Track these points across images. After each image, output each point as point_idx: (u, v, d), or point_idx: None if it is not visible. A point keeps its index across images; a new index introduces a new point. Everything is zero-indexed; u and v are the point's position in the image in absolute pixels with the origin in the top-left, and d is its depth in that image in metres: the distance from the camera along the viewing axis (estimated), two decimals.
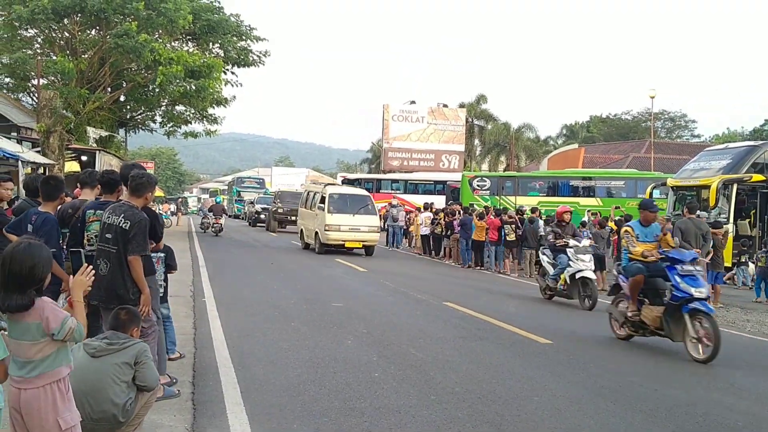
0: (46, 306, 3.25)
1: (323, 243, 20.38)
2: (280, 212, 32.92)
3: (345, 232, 20.24)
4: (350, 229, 20.31)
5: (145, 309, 5.25)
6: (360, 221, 20.47)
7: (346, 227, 20.26)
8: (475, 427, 5.11)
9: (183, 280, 11.96)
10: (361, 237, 20.58)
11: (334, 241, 20.19)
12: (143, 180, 5.41)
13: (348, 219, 20.36)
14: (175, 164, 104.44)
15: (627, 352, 8.36)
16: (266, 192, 50.57)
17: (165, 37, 25.58)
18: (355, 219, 20.51)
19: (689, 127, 72.29)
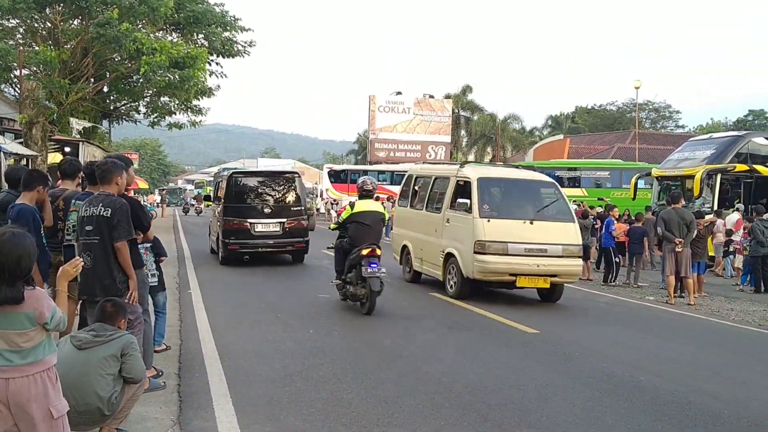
0: (40, 295, 3.23)
1: (470, 277, 10.66)
2: None
3: (518, 256, 10.51)
4: (529, 250, 10.57)
5: (134, 295, 5.21)
6: (545, 234, 10.76)
7: (520, 246, 10.55)
8: (462, 416, 5.12)
9: (168, 271, 11.85)
10: (551, 267, 10.64)
11: (495, 274, 10.58)
12: (107, 166, 5.28)
13: (522, 230, 10.70)
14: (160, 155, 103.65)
15: (612, 342, 8.41)
16: None
17: (148, 27, 25.34)
18: (535, 230, 10.76)
19: (673, 117, 72.67)
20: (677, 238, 11.58)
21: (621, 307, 11.43)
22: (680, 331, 9.43)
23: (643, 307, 11.47)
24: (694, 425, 5.15)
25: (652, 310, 11.12)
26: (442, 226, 11.55)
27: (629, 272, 14.37)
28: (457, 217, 11.11)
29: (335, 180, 39.05)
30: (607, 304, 11.68)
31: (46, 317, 3.20)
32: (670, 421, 5.22)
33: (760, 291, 13.54)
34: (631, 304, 11.75)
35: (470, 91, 54.03)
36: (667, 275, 11.96)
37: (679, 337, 8.93)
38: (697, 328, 9.65)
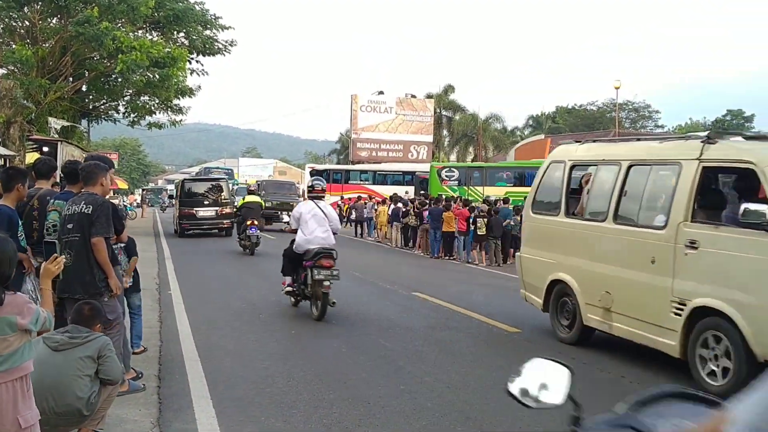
0: (21, 300, 3.18)
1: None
2: (268, 207, 26.34)
3: None
4: None
5: (117, 291, 5.24)
6: None
7: None
8: (444, 416, 5.12)
9: (148, 272, 11.79)
10: None
11: None
12: (91, 167, 5.29)
13: None
14: (140, 155, 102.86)
15: (593, 341, 8.44)
16: (235, 183, 49.98)
17: (128, 25, 25.12)
18: None
19: (653, 117, 73.34)
20: None
21: None
22: None
23: None
24: None
25: None
26: (672, 255, 6.43)
27: None
28: (730, 240, 5.95)
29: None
30: None
31: (28, 321, 3.15)
32: None
33: None
34: None
35: (452, 91, 54.16)
36: None
37: None
38: None
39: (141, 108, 29.29)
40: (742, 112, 68.77)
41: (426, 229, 20.32)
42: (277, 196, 27.45)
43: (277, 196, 27.45)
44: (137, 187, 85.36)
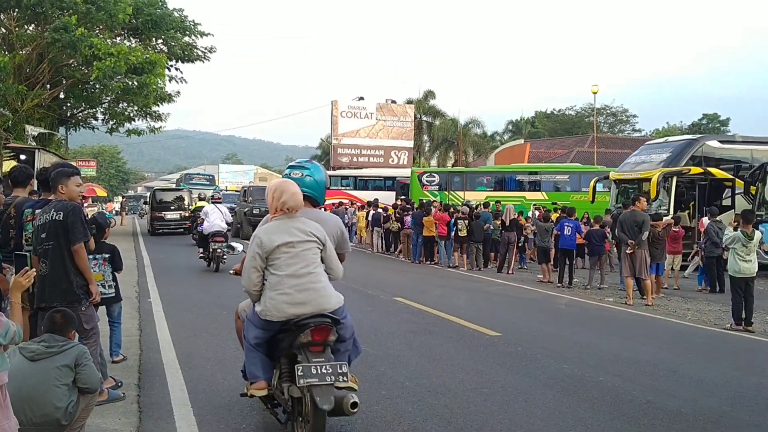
0: None
1: None
2: (256, 214, 25.99)
3: None
4: None
5: (97, 298, 5.26)
6: None
7: None
8: (425, 420, 5.14)
9: (128, 280, 11.71)
10: None
11: None
12: (53, 174, 5.25)
13: None
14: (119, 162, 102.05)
15: (572, 343, 8.52)
16: (216, 189, 49.72)
17: (105, 32, 24.95)
18: None
19: (630, 121, 74.15)
20: (629, 239, 11.85)
21: (581, 308, 11.59)
22: (639, 331, 9.60)
23: (603, 308, 11.65)
24: (653, 424, 5.24)
25: (611, 311, 11.31)
26: None
27: (591, 275, 14.58)
28: None
29: None
30: (567, 305, 11.83)
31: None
32: (629, 420, 5.31)
33: (716, 291, 13.86)
34: (591, 305, 11.93)
35: (433, 97, 54.33)
36: (625, 276, 12.20)
37: (638, 337, 9.10)
38: (655, 328, 9.83)
39: (119, 115, 29.11)
40: (718, 116, 69.67)
41: (407, 234, 20.36)
42: (264, 203, 26.73)
43: (264, 203, 26.73)
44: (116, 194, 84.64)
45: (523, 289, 14.05)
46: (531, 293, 13.43)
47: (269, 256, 4.45)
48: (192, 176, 54.14)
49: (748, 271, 9.78)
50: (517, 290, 13.84)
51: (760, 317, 10.48)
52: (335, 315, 4.46)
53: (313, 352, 4.33)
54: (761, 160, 18.46)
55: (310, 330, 4.29)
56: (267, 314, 4.38)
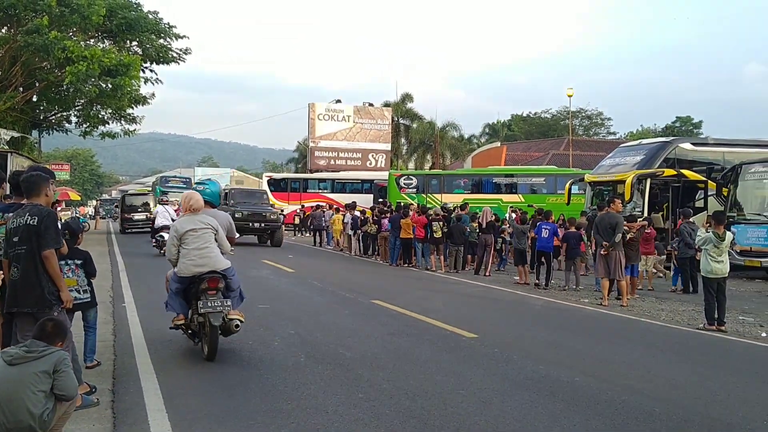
0: None
1: None
2: (239, 218, 23.70)
3: None
4: None
5: (68, 304, 5.20)
6: None
7: None
8: (402, 423, 5.14)
9: (102, 285, 11.58)
10: None
11: None
12: (34, 178, 5.19)
13: None
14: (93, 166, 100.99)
15: (549, 344, 8.57)
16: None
17: (79, 34, 24.68)
18: None
19: (605, 124, 74.96)
20: (604, 241, 11.97)
21: (557, 309, 11.67)
22: (614, 331, 9.69)
23: (578, 309, 11.74)
24: (627, 424, 5.29)
25: (587, 312, 11.40)
26: None
27: (567, 276, 14.68)
28: None
29: (275, 189, 38.73)
30: (543, 307, 11.91)
31: None
32: (605, 420, 5.35)
33: (689, 291, 14.03)
34: (567, 306, 12.02)
35: (410, 100, 54.52)
36: (601, 278, 12.31)
37: (613, 338, 9.19)
38: (630, 329, 9.93)
39: (93, 118, 28.82)
40: (691, 119, 70.67)
41: (385, 237, 20.37)
42: (247, 206, 25.25)
43: (247, 206, 25.25)
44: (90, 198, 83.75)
45: (500, 291, 14.12)
46: (508, 295, 13.50)
47: (181, 237, 6.92)
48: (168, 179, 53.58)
49: (720, 272, 9.92)
50: (494, 292, 13.91)
51: (732, 317, 10.63)
52: (224, 272, 6.95)
53: (209, 294, 6.82)
54: (733, 162, 18.76)
55: (206, 280, 6.82)
56: (181, 273, 6.91)
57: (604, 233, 12.03)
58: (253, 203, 25.61)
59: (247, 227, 24.37)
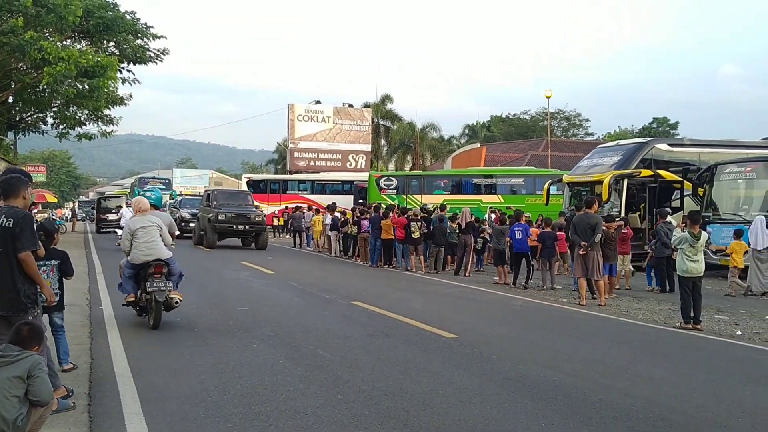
0: None
1: None
2: (222, 220, 23.90)
3: None
4: None
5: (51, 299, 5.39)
6: None
7: None
8: (381, 424, 5.14)
9: (79, 288, 11.46)
10: None
11: None
12: (12, 180, 5.13)
13: None
14: (70, 168, 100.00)
15: (527, 343, 8.63)
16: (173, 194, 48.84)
17: (56, 35, 24.39)
18: None
19: (583, 125, 75.55)
20: (582, 241, 12.06)
21: (535, 309, 11.74)
22: (592, 331, 9.77)
23: (557, 308, 11.82)
24: (604, 422, 5.33)
25: (565, 312, 11.48)
26: None
27: (544, 276, 14.78)
28: None
29: (254, 190, 38.50)
30: (522, 306, 11.98)
31: None
32: (582, 418, 5.39)
33: (666, 291, 14.18)
34: (545, 306, 12.10)
35: (390, 101, 54.54)
36: (578, 277, 12.40)
37: (591, 337, 9.26)
38: (608, 328, 10.02)
39: (70, 119, 28.49)
40: (668, 120, 71.49)
41: (364, 238, 20.36)
42: (231, 208, 24.34)
43: (231, 208, 24.34)
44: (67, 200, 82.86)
45: (479, 291, 14.18)
46: (487, 295, 13.56)
47: (133, 233, 8.67)
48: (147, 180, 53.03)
49: (696, 271, 10.03)
50: (473, 292, 13.96)
51: (708, 316, 10.75)
52: (167, 261, 8.69)
53: (155, 277, 8.54)
54: (708, 162, 18.98)
55: (153, 266, 8.58)
56: (133, 260, 8.70)
57: (583, 234, 12.12)
58: (236, 205, 24.89)
59: (231, 230, 24.11)
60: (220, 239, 24.63)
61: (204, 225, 24.64)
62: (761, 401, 6.10)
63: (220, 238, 24.67)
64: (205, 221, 24.40)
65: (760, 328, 10.04)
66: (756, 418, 5.56)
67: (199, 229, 25.69)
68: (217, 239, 24.35)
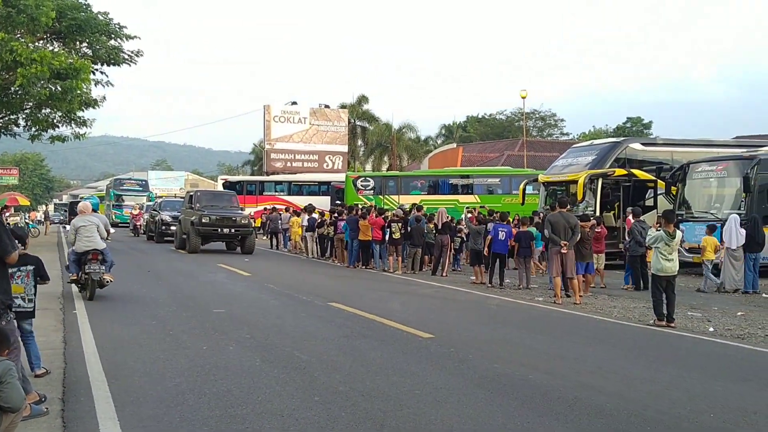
0: None
1: None
2: (207, 223, 22.68)
3: None
4: None
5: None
6: None
7: None
8: (358, 425, 5.14)
9: (51, 292, 11.31)
10: None
11: None
12: None
13: None
14: (43, 170, 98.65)
15: (504, 342, 8.68)
16: (150, 195, 48.34)
17: (27, 36, 24.03)
18: None
19: (558, 125, 76.10)
20: (563, 240, 12.16)
21: (512, 308, 11.82)
22: (567, 329, 9.86)
23: (533, 307, 11.91)
24: (579, 419, 5.38)
25: (541, 310, 11.58)
26: None
27: (520, 275, 14.88)
28: None
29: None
30: (498, 306, 12.05)
31: None
32: (557, 416, 5.44)
33: (640, 288, 14.34)
34: (521, 305, 12.18)
35: (366, 102, 54.57)
36: (554, 276, 12.49)
37: (566, 335, 9.34)
38: (583, 326, 10.12)
39: (42, 121, 28.05)
40: (641, 119, 72.23)
41: (341, 239, 20.33)
42: (215, 210, 23.23)
43: (215, 210, 23.23)
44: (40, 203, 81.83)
45: (456, 291, 14.24)
46: (464, 295, 13.62)
47: (77, 230, 11.30)
48: (123, 182, 52.28)
49: (671, 270, 10.15)
50: (450, 292, 14.01)
51: (681, 313, 10.89)
52: (102, 251, 11.23)
53: (92, 262, 11.16)
54: (681, 161, 19.23)
55: (91, 254, 11.13)
56: (77, 249, 11.29)
57: (563, 233, 12.18)
58: (221, 207, 23.79)
59: (216, 233, 22.91)
60: (204, 243, 23.37)
61: (186, 228, 23.43)
62: (732, 396, 6.20)
63: (204, 242, 23.41)
64: (188, 224, 23.15)
65: (732, 324, 10.21)
66: (727, 413, 5.65)
67: (180, 232, 24.56)
68: (200, 243, 23.04)
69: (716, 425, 5.35)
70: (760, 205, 15.95)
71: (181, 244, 24.07)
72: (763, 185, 16.15)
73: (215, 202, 24.13)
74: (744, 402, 6.01)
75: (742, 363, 7.87)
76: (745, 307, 12.12)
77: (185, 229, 23.66)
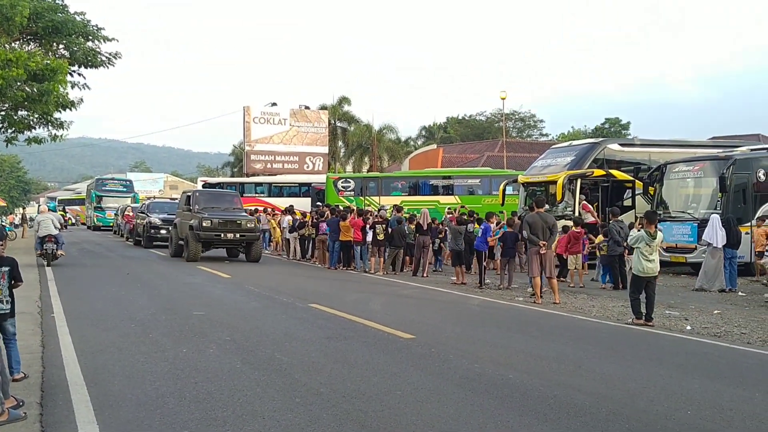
0: None
1: None
2: (208, 227, 20.13)
3: None
4: None
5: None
6: None
7: None
8: (339, 426, 5.15)
9: (29, 295, 11.20)
10: None
11: None
12: None
13: None
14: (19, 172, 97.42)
15: (484, 342, 8.73)
16: (135, 197, 47.80)
17: (3, 37, 23.73)
18: None
19: (538, 126, 76.62)
20: (541, 240, 12.25)
21: (492, 308, 11.89)
22: (547, 328, 9.93)
23: (513, 307, 11.99)
24: (558, 418, 5.43)
25: (521, 310, 11.65)
26: None
27: (502, 276, 14.96)
28: None
29: None
30: (479, 306, 12.11)
31: None
32: (537, 415, 5.49)
33: (618, 288, 14.48)
34: (502, 305, 12.26)
35: (347, 103, 54.53)
36: (534, 276, 12.58)
37: (546, 335, 9.41)
38: (562, 325, 10.20)
39: (18, 123, 27.71)
40: (619, 120, 72.90)
41: (322, 240, 20.31)
42: (217, 213, 20.80)
43: (217, 213, 20.80)
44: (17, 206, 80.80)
45: (437, 291, 14.28)
46: (445, 295, 13.67)
47: (38, 223, 18.04)
48: (105, 182, 51.40)
49: (651, 271, 10.24)
50: (431, 293, 14.06)
51: (659, 311, 11.02)
52: (55, 236, 17.87)
53: (49, 243, 17.78)
54: (658, 161, 19.47)
55: (47, 237, 17.77)
56: (39, 235, 17.99)
57: (542, 233, 12.28)
58: (223, 209, 21.27)
59: (218, 239, 20.39)
60: (205, 250, 20.82)
61: (184, 233, 20.93)
62: (708, 394, 6.29)
63: (205, 249, 20.86)
64: (186, 229, 20.66)
65: (709, 323, 10.35)
66: (704, 410, 5.73)
67: (177, 238, 22.01)
68: (201, 250, 20.47)
69: (693, 422, 5.42)
70: (736, 204, 16.18)
71: (178, 251, 21.74)
72: (738, 185, 16.38)
73: (216, 204, 21.62)
74: (720, 399, 6.10)
75: (718, 360, 7.98)
76: (722, 305, 12.29)
77: (182, 234, 21.28)
